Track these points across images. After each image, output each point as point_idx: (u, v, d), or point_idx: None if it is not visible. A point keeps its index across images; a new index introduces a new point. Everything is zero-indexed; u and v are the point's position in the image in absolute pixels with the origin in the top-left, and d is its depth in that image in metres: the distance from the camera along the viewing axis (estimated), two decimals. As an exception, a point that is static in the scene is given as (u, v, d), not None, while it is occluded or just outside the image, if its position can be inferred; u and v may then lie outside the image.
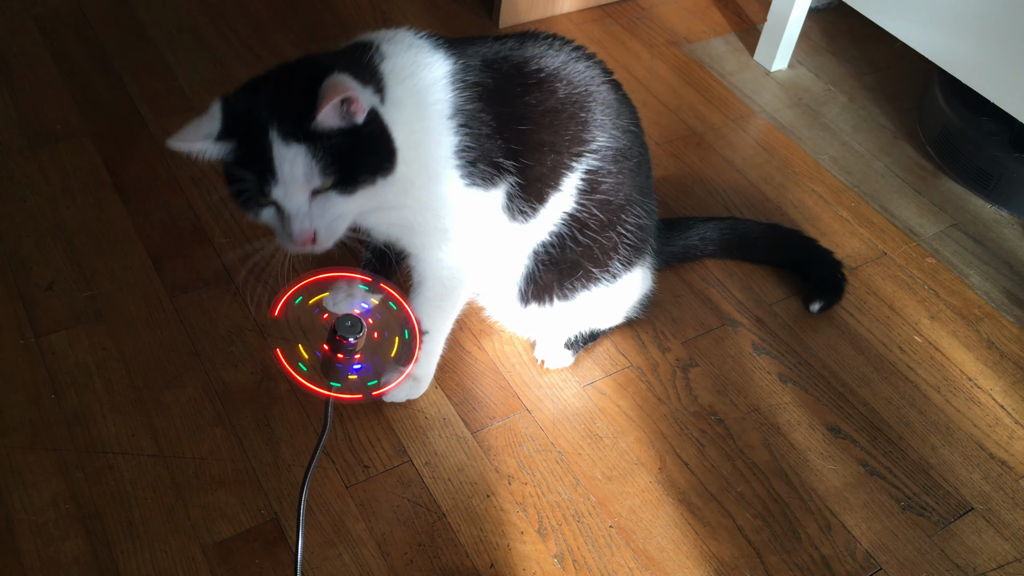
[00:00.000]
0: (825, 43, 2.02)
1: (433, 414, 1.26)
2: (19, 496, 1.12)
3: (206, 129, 0.96)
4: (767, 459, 1.26)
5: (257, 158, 0.95)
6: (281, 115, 0.95)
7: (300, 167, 0.95)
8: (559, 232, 1.18)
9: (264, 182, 0.96)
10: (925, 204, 1.66)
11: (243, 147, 0.96)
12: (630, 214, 1.21)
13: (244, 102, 0.98)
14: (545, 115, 1.11)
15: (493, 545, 1.14)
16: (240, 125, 0.97)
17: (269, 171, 0.95)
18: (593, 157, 1.15)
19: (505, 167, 1.10)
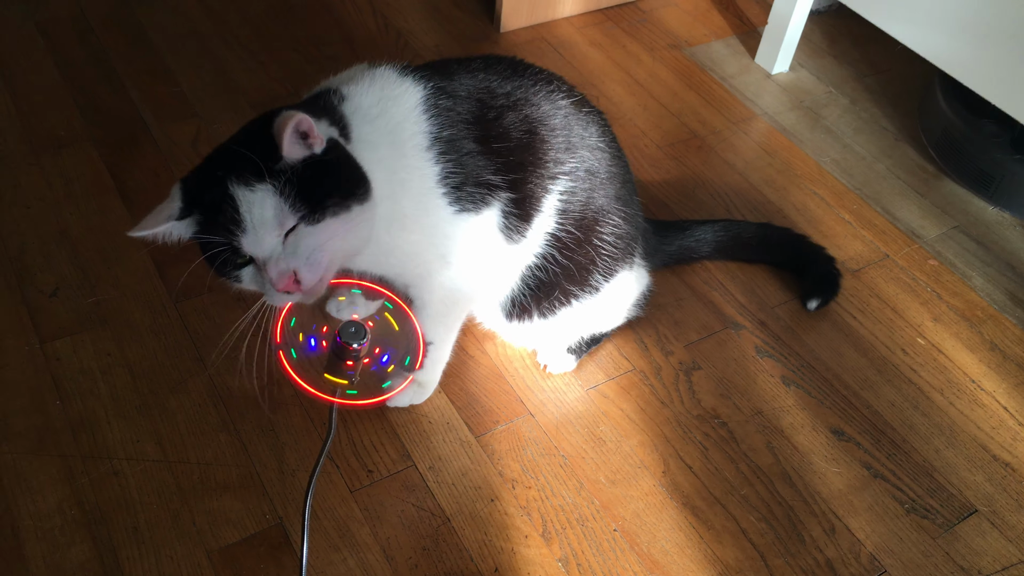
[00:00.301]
0: (826, 46, 2.02)
1: (437, 418, 1.26)
2: (25, 502, 1.12)
3: (167, 212, 0.97)
4: (771, 462, 1.26)
5: (221, 216, 0.94)
6: (239, 166, 0.94)
7: (269, 208, 0.93)
8: (543, 253, 1.17)
9: (233, 236, 0.94)
10: (927, 206, 1.66)
11: (206, 213, 0.96)
12: (605, 226, 1.20)
13: (201, 173, 0.99)
14: (523, 136, 1.11)
15: (497, 549, 1.14)
16: (200, 195, 0.97)
17: (236, 223, 0.94)
18: (567, 179, 1.15)
19: (495, 184, 1.09)
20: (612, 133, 1.24)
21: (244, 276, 0.99)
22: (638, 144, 1.72)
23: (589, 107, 1.21)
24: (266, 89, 1.72)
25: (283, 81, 1.74)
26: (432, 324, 1.19)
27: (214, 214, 0.95)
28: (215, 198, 0.94)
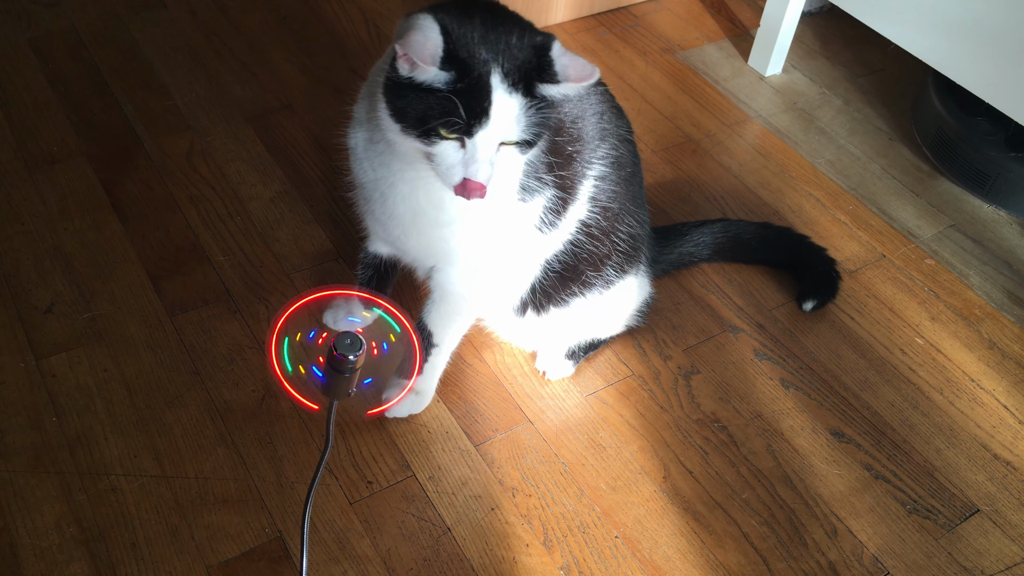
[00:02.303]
0: (819, 47, 2.02)
1: (436, 428, 1.26)
2: (22, 520, 1.11)
3: (430, 48, 0.91)
4: (771, 465, 1.25)
5: (475, 96, 0.92)
6: (508, 63, 0.93)
7: (511, 118, 0.94)
8: (572, 239, 1.18)
9: (475, 122, 0.92)
10: (923, 205, 1.66)
11: (460, 80, 0.92)
12: (623, 222, 1.21)
13: (464, 33, 0.94)
14: (574, 124, 1.12)
15: (499, 559, 1.13)
16: (461, 57, 0.92)
17: (483, 112, 0.92)
18: (601, 163, 1.16)
19: (545, 181, 1.10)
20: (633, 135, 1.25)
21: (441, 147, 0.95)
22: (632, 149, 1.72)
23: (616, 101, 1.22)
24: (260, 101, 1.72)
25: (277, 93, 1.74)
26: (442, 321, 1.19)
27: (468, 91, 0.92)
28: (476, 77, 0.92)
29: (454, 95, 0.92)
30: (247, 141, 1.64)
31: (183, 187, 1.54)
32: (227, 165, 1.59)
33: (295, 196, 1.55)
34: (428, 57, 0.90)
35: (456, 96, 0.92)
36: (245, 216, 1.50)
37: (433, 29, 0.92)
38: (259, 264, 1.44)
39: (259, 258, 1.44)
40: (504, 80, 0.93)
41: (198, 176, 1.56)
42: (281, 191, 1.55)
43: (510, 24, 0.97)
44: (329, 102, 1.72)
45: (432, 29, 0.92)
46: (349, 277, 1.42)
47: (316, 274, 1.43)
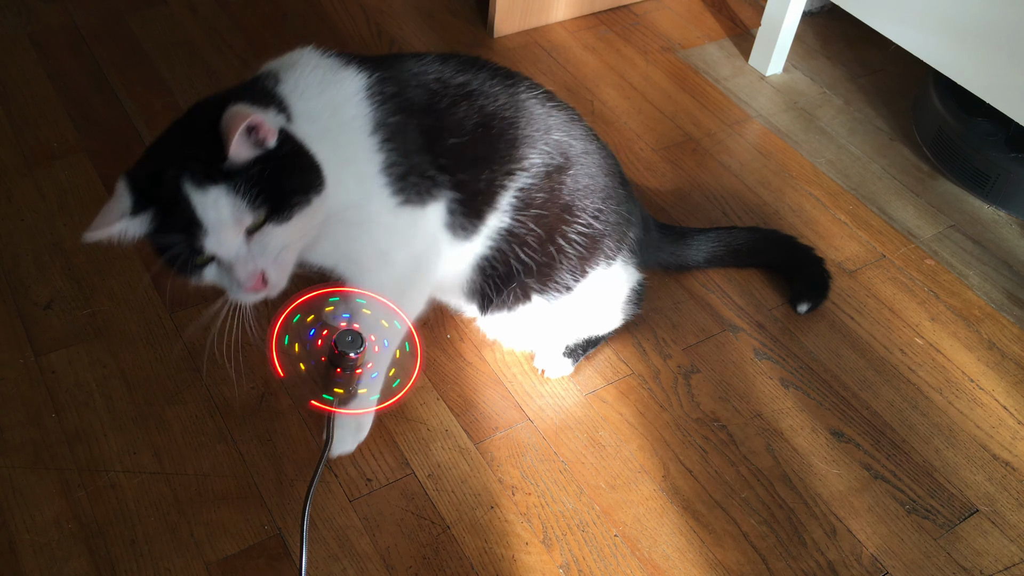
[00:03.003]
0: (819, 46, 2.02)
1: (435, 425, 1.26)
2: (21, 516, 1.11)
3: (118, 209, 0.92)
4: (771, 464, 1.25)
5: (179, 216, 0.91)
6: (189, 163, 0.90)
7: (225, 209, 0.90)
8: (498, 247, 1.15)
9: (193, 238, 0.91)
10: (923, 206, 1.66)
11: (161, 211, 0.92)
12: (572, 224, 1.16)
13: (148, 167, 0.95)
14: (476, 129, 1.08)
15: (498, 557, 1.13)
16: (151, 191, 0.92)
17: (195, 224, 0.91)
18: (525, 175, 1.11)
19: (439, 181, 1.06)
20: (586, 127, 1.20)
21: (207, 274, 0.96)
22: (633, 148, 1.71)
23: (556, 102, 1.17)
24: (260, 98, 1.72)
25: (276, 89, 1.74)
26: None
27: (170, 214, 0.91)
28: (169, 197, 0.91)
29: (164, 227, 0.92)
30: (247, 138, 1.63)
31: (183, 183, 1.54)
32: (227, 162, 1.59)
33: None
34: (116, 216, 0.91)
35: (167, 228, 0.92)
36: (245, 213, 1.50)
37: (120, 186, 0.94)
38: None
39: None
40: (192, 182, 0.90)
41: (198, 173, 1.56)
42: (281, 188, 1.55)
43: (196, 119, 0.96)
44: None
45: (120, 186, 0.94)
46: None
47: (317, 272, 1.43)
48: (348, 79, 1.03)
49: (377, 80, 1.04)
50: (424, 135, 1.05)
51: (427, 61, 1.10)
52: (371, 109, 1.02)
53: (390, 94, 1.03)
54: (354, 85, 1.03)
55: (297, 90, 1.01)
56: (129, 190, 0.93)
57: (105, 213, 0.92)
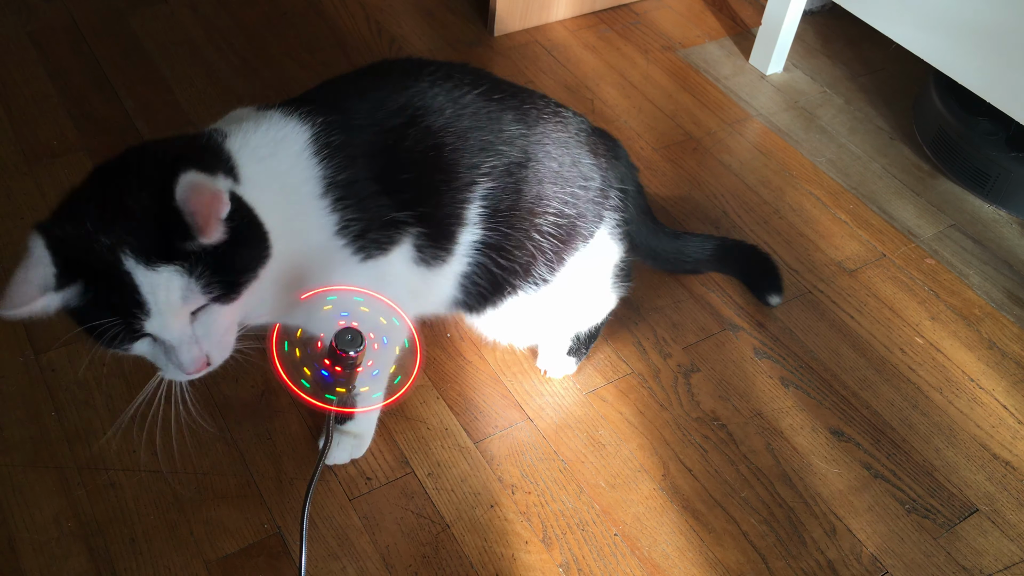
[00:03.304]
0: (820, 46, 2.02)
1: (435, 424, 1.26)
2: (21, 514, 1.11)
3: (38, 280, 0.79)
4: (770, 464, 1.25)
5: (117, 294, 0.80)
6: (135, 238, 0.79)
7: (176, 292, 0.81)
8: (477, 261, 1.09)
9: (132, 318, 0.81)
10: (923, 205, 1.66)
11: (94, 286, 0.80)
12: (542, 216, 1.11)
13: (74, 228, 0.81)
14: (428, 153, 1.01)
15: (498, 556, 1.13)
16: (80, 260, 0.80)
17: (136, 304, 0.80)
18: (487, 180, 1.05)
19: (401, 223, 1.00)
20: (541, 106, 1.13)
21: (138, 348, 0.86)
22: (633, 147, 1.71)
23: (502, 91, 1.10)
24: (260, 96, 1.72)
25: (277, 88, 1.74)
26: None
27: (106, 290, 0.80)
28: (106, 271, 0.79)
29: (96, 304, 0.80)
30: (247, 136, 1.63)
31: (183, 182, 1.54)
32: (227, 160, 1.59)
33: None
34: (37, 290, 0.79)
35: (99, 304, 0.80)
36: (245, 211, 1.50)
37: (36, 246, 0.80)
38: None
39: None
40: (139, 258, 0.79)
41: (198, 171, 1.56)
42: (281, 187, 1.55)
43: (136, 175, 0.84)
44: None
45: (35, 247, 0.80)
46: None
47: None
48: (292, 136, 0.95)
49: (322, 130, 0.96)
50: (378, 180, 0.98)
51: (366, 84, 1.03)
52: (319, 168, 0.94)
53: (336, 145, 0.96)
54: (299, 141, 0.95)
55: (246, 149, 0.93)
56: (50, 255, 0.80)
57: (22, 283, 0.79)
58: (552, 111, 1.14)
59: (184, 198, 0.79)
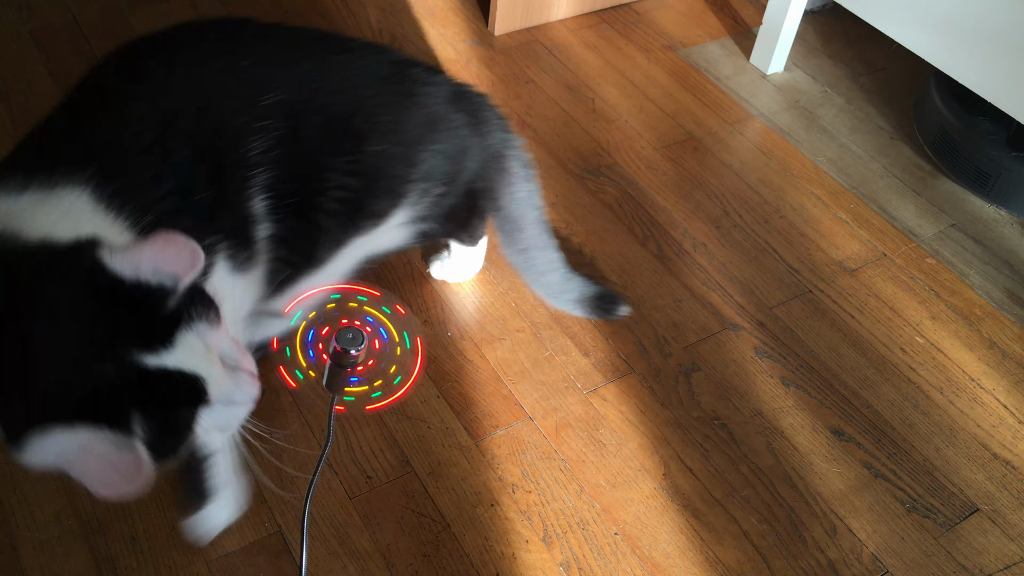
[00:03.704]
0: (821, 45, 2.02)
1: (435, 423, 1.26)
2: (22, 512, 1.11)
3: (128, 463, 0.68)
4: (771, 463, 1.25)
5: (162, 390, 0.72)
6: (133, 335, 0.70)
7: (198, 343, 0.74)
8: (276, 256, 0.99)
9: (195, 403, 0.74)
10: (924, 205, 1.66)
11: (143, 413, 0.71)
12: (327, 190, 0.98)
13: (59, 391, 0.69)
14: (198, 162, 0.90)
15: (498, 555, 1.13)
16: (96, 403, 0.69)
17: (185, 384, 0.73)
18: (261, 171, 0.93)
19: (212, 244, 0.91)
20: (330, 48, 1.02)
21: (203, 429, 0.77)
22: (634, 146, 1.71)
23: (259, 42, 0.98)
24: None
25: (278, 87, 1.74)
26: None
27: (153, 406, 0.72)
28: (134, 387, 0.70)
29: (156, 423, 0.71)
30: (248, 135, 1.63)
31: (184, 181, 1.54)
32: (228, 159, 1.59)
33: (296, 191, 1.54)
34: (136, 468, 0.68)
35: (158, 422, 0.71)
36: (246, 210, 1.50)
37: (66, 439, 0.68)
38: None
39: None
40: (153, 350, 0.72)
41: (199, 170, 1.56)
42: (282, 185, 1.55)
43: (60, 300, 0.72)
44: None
45: (66, 440, 0.68)
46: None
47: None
48: (77, 204, 0.81)
49: (96, 185, 0.82)
50: (177, 217, 0.87)
51: (114, 105, 0.90)
52: (119, 223, 0.82)
53: (121, 190, 0.83)
54: (85, 208, 0.81)
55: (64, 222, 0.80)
56: (78, 431, 0.67)
57: (116, 475, 0.67)
58: (343, 45, 1.02)
59: (155, 259, 0.71)
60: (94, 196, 0.81)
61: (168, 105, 0.91)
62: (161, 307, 0.72)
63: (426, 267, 1.42)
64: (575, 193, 1.60)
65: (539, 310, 1.41)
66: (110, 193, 0.82)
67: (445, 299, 1.41)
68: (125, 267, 0.71)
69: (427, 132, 1.05)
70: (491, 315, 1.40)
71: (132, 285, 0.71)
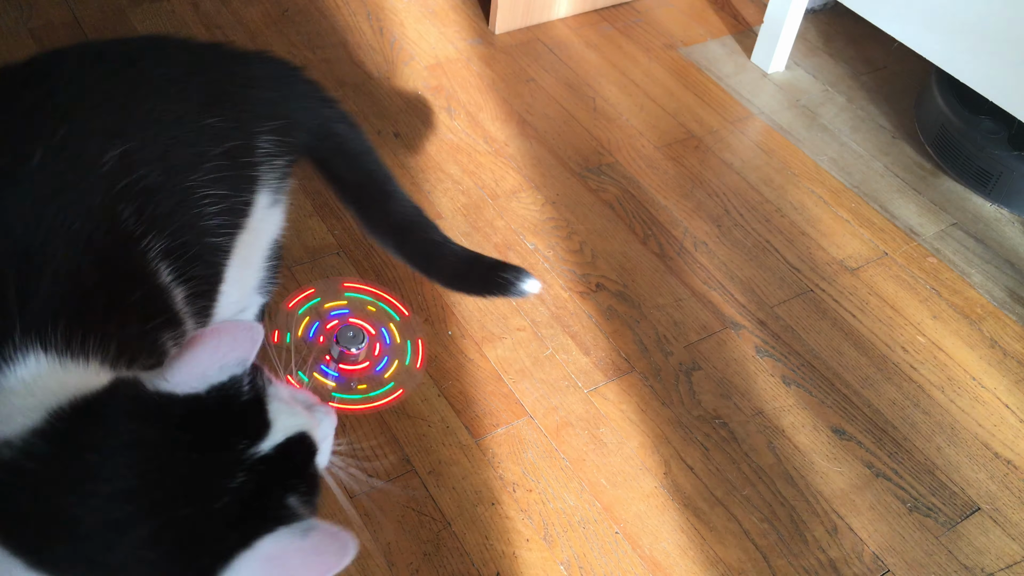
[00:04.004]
0: (822, 44, 2.02)
1: (436, 422, 1.26)
2: None
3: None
4: (772, 462, 1.25)
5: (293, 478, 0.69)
6: (244, 434, 0.68)
7: (285, 407, 0.71)
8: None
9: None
10: (925, 204, 1.66)
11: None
12: (201, 207, 0.85)
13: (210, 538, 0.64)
14: (84, 266, 0.74)
15: (499, 553, 1.13)
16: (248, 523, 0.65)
17: (304, 467, 0.71)
18: (156, 240, 0.80)
19: (164, 344, 0.82)
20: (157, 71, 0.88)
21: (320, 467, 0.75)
22: (635, 145, 1.71)
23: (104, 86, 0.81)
24: (261, 93, 1.71)
25: (278, 85, 1.73)
26: None
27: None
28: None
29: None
30: (249, 134, 1.63)
31: (184, 179, 1.53)
32: (228, 157, 1.58)
33: (296, 189, 1.54)
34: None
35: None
36: (246, 209, 1.50)
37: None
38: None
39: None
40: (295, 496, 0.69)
41: (199, 168, 1.56)
42: (283, 184, 1.55)
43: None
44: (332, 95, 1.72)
45: None
46: (350, 271, 1.41)
47: (317, 268, 1.43)
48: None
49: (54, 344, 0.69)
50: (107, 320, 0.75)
51: None
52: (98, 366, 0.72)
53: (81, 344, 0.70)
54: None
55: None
56: (268, 542, 0.63)
57: (320, 557, 0.64)
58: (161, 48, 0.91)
59: (215, 357, 0.67)
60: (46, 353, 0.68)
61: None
62: (241, 395, 0.69)
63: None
64: (576, 192, 1.60)
65: (539, 309, 1.41)
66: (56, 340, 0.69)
67: (445, 298, 1.41)
68: (190, 381, 0.66)
69: (259, 119, 0.95)
70: (491, 314, 1.40)
71: (209, 392, 0.67)
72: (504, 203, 1.57)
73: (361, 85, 1.75)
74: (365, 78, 1.76)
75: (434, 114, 1.72)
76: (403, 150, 1.64)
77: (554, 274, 1.46)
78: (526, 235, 1.52)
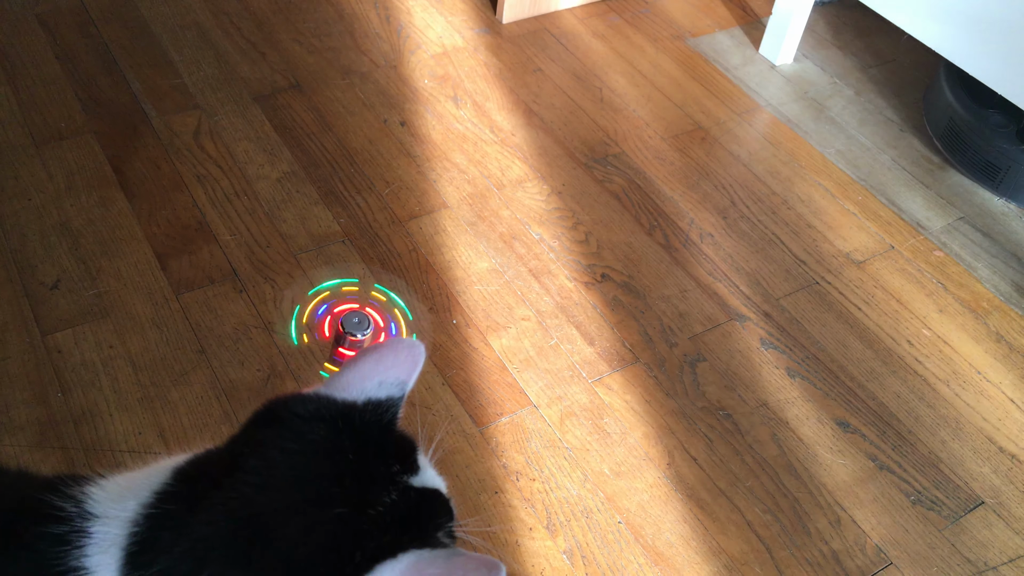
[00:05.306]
0: (830, 36, 2.01)
1: (440, 410, 1.26)
2: (27, 495, 1.11)
3: None
4: (776, 454, 1.25)
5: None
6: (399, 462, 0.68)
7: (427, 462, 0.71)
8: None
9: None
10: (932, 197, 1.65)
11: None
12: None
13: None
14: None
15: (502, 542, 1.13)
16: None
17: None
18: None
19: None
20: None
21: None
22: (642, 135, 1.71)
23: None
24: (268, 81, 1.71)
25: (285, 73, 1.73)
26: None
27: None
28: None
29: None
30: (255, 121, 1.63)
31: (190, 165, 1.53)
32: (234, 144, 1.58)
33: (302, 177, 1.54)
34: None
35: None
36: (252, 196, 1.50)
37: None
38: (265, 244, 1.43)
39: (265, 238, 1.44)
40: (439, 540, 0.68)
41: (205, 155, 1.56)
42: (288, 171, 1.55)
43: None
44: (337, 83, 1.72)
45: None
46: (355, 259, 1.41)
47: (322, 255, 1.43)
48: None
49: None
50: None
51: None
52: None
53: None
54: None
55: None
56: (409, 556, 0.61)
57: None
58: None
59: (381, 370, 0.67)
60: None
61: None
62: (394, 422, 0.67)
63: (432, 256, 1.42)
64: (582, 182, 1.60)
65: (544, 299, 1.41)
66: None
67: (451, 287, 1.41)
68: (350, 389, 0.66)
69: None
70: (496, 303, 1.39)
71: (365, 405, 0.66)
72: (510, 193, 1.56)
73: (368, 74, 1.74)
74: (372, 67, 1.76)
75: (440, 103, 1.71)
76: (409, 139, 1.63)
77: (560, 264, 1.46)
78: (532, 225, 1.51)
